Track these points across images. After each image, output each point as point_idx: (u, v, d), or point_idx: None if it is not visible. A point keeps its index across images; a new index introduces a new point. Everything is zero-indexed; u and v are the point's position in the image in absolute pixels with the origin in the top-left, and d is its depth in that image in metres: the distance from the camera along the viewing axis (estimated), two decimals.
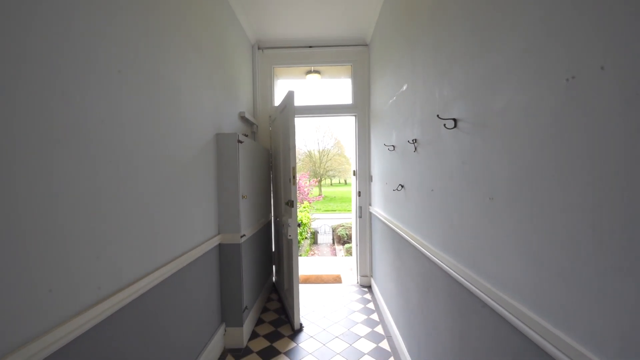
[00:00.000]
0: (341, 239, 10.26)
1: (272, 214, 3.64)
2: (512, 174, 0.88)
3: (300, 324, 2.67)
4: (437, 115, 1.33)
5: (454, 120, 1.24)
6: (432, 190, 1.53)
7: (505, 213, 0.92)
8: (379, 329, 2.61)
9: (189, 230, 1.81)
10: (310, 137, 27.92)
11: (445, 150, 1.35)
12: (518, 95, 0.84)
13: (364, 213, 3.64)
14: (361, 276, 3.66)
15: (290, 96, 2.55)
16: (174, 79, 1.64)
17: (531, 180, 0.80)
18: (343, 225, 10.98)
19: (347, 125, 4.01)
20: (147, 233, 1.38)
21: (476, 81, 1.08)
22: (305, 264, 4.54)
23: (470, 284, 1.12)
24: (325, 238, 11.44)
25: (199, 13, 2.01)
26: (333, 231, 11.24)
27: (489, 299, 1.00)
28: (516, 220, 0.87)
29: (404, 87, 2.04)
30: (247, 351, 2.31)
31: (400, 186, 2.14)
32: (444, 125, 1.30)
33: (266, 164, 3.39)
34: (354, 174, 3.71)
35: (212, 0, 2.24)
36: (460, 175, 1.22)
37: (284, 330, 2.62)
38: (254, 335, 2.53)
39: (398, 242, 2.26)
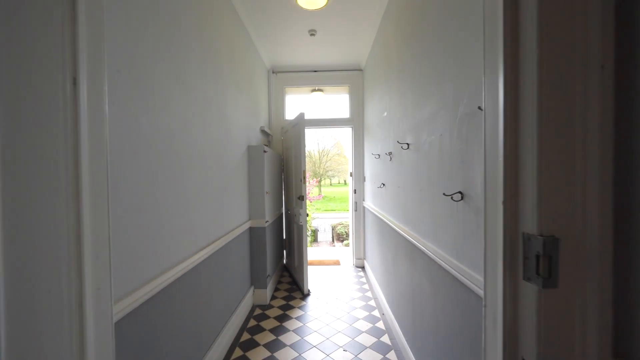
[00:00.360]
0: (340, 237, 10.99)
1: (284, 208, 4.45)
2: (429, 176, 1.69)
3: (308, 290, 3.48)
4: (397, 141, 2.15)
5: (408, 144, 2.05)
6: (399, 186, 2.33)
7: (426, 197, 1.73)
8: (369, 294, 3.42)
9: (233, 216, 2.62)
10: (310, 137, 28.54)
11: (405, 161, 2.15)
12: (429, 136, 1.65)
13: (358, 207, 4.45)
14: (356, 259, 4.47)
15: (301, 116, 3.36)
16: (229, 112, 2.45)
17: (435, 179, 1.61)
18: (342, 224, 11.67)
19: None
20: (211, 216, 2.18)
21: (416, 123, 1.89)
22: (309, 252, 5.34)
23: (413, 240, 1.93)
24: (325, 236, 12.17)
25: (234, 52, 2.81)
26: (332, 229, 11.96)
27: (420, 246, 1.80)
28: (430, 201, 1.67)
29: (385, 114, 2.85)
30: (270, 306, 3.12)
31: (382, 184, 2.95)
32: (401, 147, 2.11)
33: (279, 167, 4.20)
34: (351, 175, 4.52)
35: (237, 34, 2.95)
36: (410, 177, 2.02)
37: (296, 294, 3.43)
38: (273, 298, 3.34)
39: (381, 226, 3.07)
